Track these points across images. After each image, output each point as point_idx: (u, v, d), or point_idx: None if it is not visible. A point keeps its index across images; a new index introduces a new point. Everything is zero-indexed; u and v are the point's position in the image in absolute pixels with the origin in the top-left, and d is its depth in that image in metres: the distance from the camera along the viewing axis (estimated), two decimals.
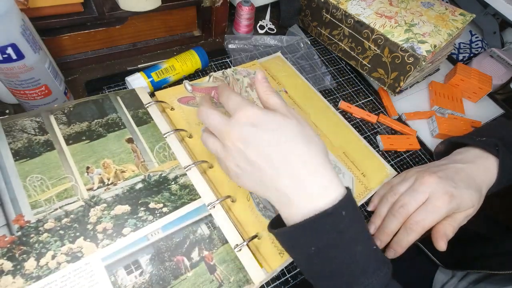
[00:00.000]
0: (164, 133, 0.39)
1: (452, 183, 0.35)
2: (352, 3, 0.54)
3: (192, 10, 0.54)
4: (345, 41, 0.57)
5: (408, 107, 0.58)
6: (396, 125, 0.53)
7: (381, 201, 0.39)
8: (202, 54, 0.50)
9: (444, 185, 0.35)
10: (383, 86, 0.55)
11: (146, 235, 0.32)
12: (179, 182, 0.36)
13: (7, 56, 0.32)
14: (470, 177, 0.37)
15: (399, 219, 0.35)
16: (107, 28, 0.47)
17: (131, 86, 0.45)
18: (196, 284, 0.30)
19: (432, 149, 0.52)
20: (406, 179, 0.38)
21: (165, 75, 0.47)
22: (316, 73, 0.58)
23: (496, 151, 0.38)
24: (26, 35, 0.33)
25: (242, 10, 0.56)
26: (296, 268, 0.37)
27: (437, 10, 0.54)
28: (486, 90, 0.59)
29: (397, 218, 0.36)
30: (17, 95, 0.38)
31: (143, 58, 0.53)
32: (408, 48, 0.48)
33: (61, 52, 0.47)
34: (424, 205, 0.35)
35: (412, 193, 0.36)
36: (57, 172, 0.34)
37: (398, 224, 0.36)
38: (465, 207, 0.35)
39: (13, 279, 0.27)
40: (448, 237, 0.35)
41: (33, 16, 0.39)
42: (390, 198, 0.38)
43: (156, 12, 0.48)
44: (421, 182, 0.36)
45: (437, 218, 0.34)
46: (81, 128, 0.38)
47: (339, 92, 0.57)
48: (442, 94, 0.59)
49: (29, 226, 0.30)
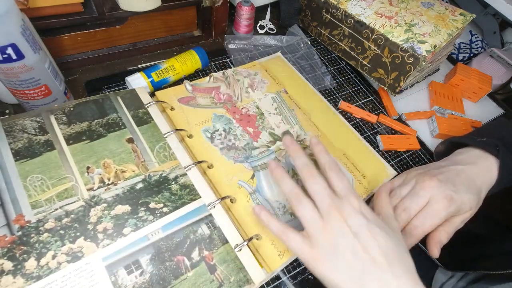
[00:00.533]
0: (165, 133, 0.39)
1: (452, 186, 0.35)
2: (352, 3, 0.54)
3: (192, 10, 0.54)
4: (345, 41, 0.57)
5: (408, 107, 0.58)
6: (396, 125, 0.53)
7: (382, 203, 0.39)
8: (202, 54, 0.50)
9: (444, 189, 0.35)
10: (383, 86, 0.55)
11: (147, 235, 0.32)
12: (179, 182, 0.36)
13: (7, 56, 0.32)
14: (471, 179, 0.37)
15: (400, 223, 0.36)
16: (107, 28, 0.47)
17: (131, 86, 0.45)
18: (196, 284, 0.30)
19: (432, 149, 0.52)
20: (407, 181, 0.38)
21: (165, 75, 0.47)
22: (316, 73, 0.58)
23: (497, 152, 0.38)
24: (26, 35, 0.33)
25: (242, 10, 0.56)
26: (295, 268, 0.37)
27: (437, 10, 0.54)
28: (486, 90, 0.59)
29: (399, 222, 0.36)
30: (17, 95, 0.38)
31: (143, 58, 0.53)
32: (408, 48, 0.48)
33: (61, 52, 0.47)
34: (424, 209, 0.35)
35: (413, 197, 0.36)
36: (58, 172, 0.34)
37: (400, 228, 0.36)
38: (463, 210, 0.35)
39: (13, 279, 0.27)
40: (442, 244, 0.36)
41: (33, 16, 0.39)
42: (394, 202, 0.38)
43: (156, 12, 0.48)
44: (422, 186, 0.36)
45: (436, 222, 0.34)
46: (81, 128, 0.38)
47: (339, 92, 0.57)
48: (442, 94, 0.59)
49: (30, 226, 0.30)
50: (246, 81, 0.47)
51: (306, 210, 0.30)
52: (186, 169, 0.37)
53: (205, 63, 0.51)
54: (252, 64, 0.53)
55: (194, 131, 0.42)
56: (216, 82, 0.48)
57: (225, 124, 0.44)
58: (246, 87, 0.49)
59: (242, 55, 0.56)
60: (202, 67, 0.51)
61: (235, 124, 0.44)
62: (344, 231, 0.28)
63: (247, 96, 0.48)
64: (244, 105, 0.47)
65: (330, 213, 0.28)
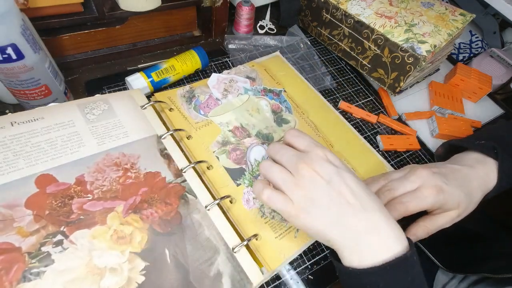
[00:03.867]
0: (161, 135, 0.39)
1: (445, 179, 0.35)
2: (352, 3, 0.54)
3: (192, 10, 0.54)
4: (345, 41, 0.57)
5: (408, 107, 0.58)
6: (396, 125, 0.53)
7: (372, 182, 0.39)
8: (202, 54, 0.50)
9: (436, 180, 0.35)
10: (383, 86, 0.55)
11: None
12: None
13: (7, 56, 0.32)
14: (466, 178, 0.37)
15: (383, 200, 0.35)
16: (107, 28, 0.47)
17: (131, 86, 0.45)
18: None
19: (432, 149, 0.52)
20: (402, 169, 0.38)
21: (165, 75, 0.47)
22: (316, 73, 0.58)
23: (495, 155, 0.38)
24: (26, 35, 0.33)
25: (242, 10, 0.56)
26: (296, 268, 0.37)
27: (437, 10, 0.54)
28: (486, 90, 0.59)
29: (381, 199, 0.35)
30: (17, 95, 0.38)
31: (143, 58, 0.53)
32: (408, 48, 0.48)
33: (61, 52, 0.47)
34: (412, 192, 0.35)
35: (402, 181, 0.36)
36: None
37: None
38: (450, 206, 0.35)
39: None
40: (417, 238, 0.35)
41: (33, 16, 0.39)
42: (381, 181, 0.38)
43: (156, 12, 0.48)
44: (413, 173, 0.36)
45: (421, 205, 0.34)
46: None
47: (339, 92, 0.57)
48: (442, 94, 0.59)
49: None
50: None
51: (277, 173, 0.30)
52: (183, 171, 0.37)
53: (205, 63, 0.51)
54: (251, 64, 0.53)
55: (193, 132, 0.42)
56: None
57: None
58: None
59: (242, 55, 0.56)
60: (202, 67, 0.51)
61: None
62: (317, 181, 0.29)
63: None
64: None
65: (299, 168, 0.29)
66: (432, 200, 0.34)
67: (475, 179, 0.37)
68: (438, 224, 0.35)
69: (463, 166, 0.38)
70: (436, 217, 0.35)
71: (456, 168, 0.38)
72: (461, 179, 0.36)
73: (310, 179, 0.29)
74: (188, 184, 0.36)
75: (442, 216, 0.35)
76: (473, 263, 0.42)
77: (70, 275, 0.27)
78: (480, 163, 0.38)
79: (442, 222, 0.35)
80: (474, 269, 0.41)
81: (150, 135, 0.38)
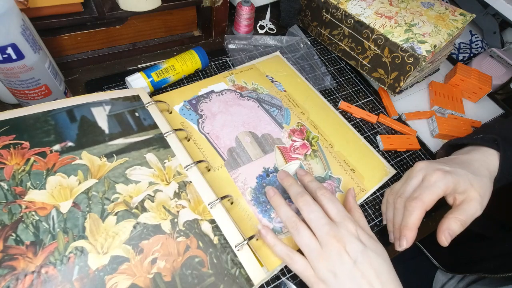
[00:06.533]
0: (165, 132, 0.39)
1: (444, 164, 0.35)
2: (352, 3, 0.54)
3: (192, 10, 0.54)
4: (345, 41, 0.57)
5: (408, 107, 0.58)
6: (396, 125, 0.53)
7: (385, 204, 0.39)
8: (202, 54, 0.50)
9: (436, 165, 0.35)
10: (383, 86, 0.55)
11: None
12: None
13: (7, 56, 0.32)
14: (465, 162, 0.36)
15: (399, 209, 0.35)
16: (107, 28, 0.47)
17: (131, 86, 0.45)
18: None
19: (432, 149, 0.52)
20: (401, 178, 0.39)
21: (165, 75, 0.47)
22: (316, 73, 0.58)
23: (496, 145, 0.37)
24: (26, 35, 0.33)
25: (242, 10, 0.56)
26: None
27: (437, 10, 0.54)
28: (486, 90, 0.59)
29: (397, 208, 0.35)
30: (17, 95, 0.38)
31: (143, 58, 0.53)
32: (408, 48, 0.48)
33: (61, 52, 0.47)
34: (420, 184, 0.34)
35: (406, 181, 0.36)
36: None
37: (400, 213, 0.35)
38: (463, 186, 0.33)
39: None
40: (453, 231, 0.33)
41: (33, 16, 0.39)
42: (390, 199, 0.38)
43: (156, 12, 0.48)
44: (413, 169, 0.36)
45: (435, 192, 0.33)
46: None
47: (339, 92, 0.57)
48: (442, 94, 0.59)
49: None
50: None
51: (305, 239, 0.31)
52: (186, 169, 0.37)
53: (205, 63, 0.51)
54: (249, 67, 0.53)
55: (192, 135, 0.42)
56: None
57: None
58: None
59: (242, 55, 0.56)
60: (202, 67, 0.51)
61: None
62: (343, 258, 0.29)
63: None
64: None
65: (328, 242, 0.30)
66: (442, 183, 0.33)
67: (475, 161, 0.36)
68: (468, 212, 0.33)
69: (463, 155, 0.38)
70: (462, 205, 0.33)
71: (452, 157, 0.38)
72: (460, 162, 0.36)
73: (337, 255, 0.29)
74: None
75: (467, 203, 0.33)
76: (472, 263, 0.42)
77: None
78: (481, 151, 0.38)
79: (470, 208, 0.33)
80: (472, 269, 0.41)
81: None
